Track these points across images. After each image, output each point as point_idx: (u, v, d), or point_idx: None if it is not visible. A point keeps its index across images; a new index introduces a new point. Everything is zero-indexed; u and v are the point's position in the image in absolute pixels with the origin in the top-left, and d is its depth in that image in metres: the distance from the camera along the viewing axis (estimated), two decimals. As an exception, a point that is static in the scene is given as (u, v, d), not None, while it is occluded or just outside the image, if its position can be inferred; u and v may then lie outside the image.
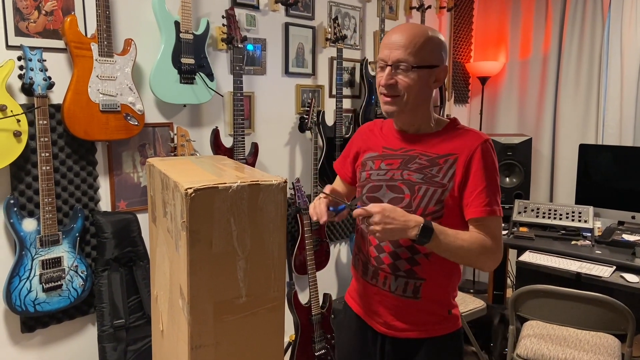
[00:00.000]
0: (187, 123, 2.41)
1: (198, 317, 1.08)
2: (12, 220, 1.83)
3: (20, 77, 1.82)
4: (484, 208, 1.30)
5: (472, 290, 3.76)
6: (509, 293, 3.54)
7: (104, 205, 2.17)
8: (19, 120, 1.80)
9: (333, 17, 2.95)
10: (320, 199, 1.36)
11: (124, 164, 2.22)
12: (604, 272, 2.36)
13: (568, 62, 3.65)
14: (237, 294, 1.11)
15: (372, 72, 3.12)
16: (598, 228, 2.86)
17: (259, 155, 2.53)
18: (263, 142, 2.69)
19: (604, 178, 3.00)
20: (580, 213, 2.89)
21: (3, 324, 1.95)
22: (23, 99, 1.89)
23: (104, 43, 1.96)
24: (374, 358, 1.46)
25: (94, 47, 1.95)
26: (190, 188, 1.02)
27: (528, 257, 2.61)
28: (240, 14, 2.53)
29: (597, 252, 2.58)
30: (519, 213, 3.03)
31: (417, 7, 3.44)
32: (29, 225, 1.87)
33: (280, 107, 2.80)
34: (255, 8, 2.61)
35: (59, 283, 1.93)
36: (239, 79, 2.27)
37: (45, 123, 1.83)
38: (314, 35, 2.90)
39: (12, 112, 1.78)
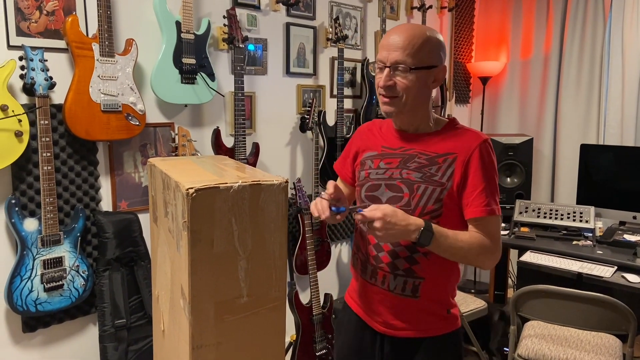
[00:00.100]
0: (188, 123, 2.41)
1: (199, 317, 1.08)
2: (13, 220, 1.83)
3: (22, 77, 1.83)
4: (484, 208, 1.31)
5: (473, 291, 3.75)
6: (510, 293, 3.54)
7: (105, 205, 2.18)
8: (21, 120, 1.80)
9: (334, 17, 2.95)
10: (322, 199, 1.36)
11: (125, 164, 2.22)
12: (605, 272, 2.35)
13: (569, 62, 3.65)
14: (238, 294, 1.11)
15: (372, 72, 3.12)
16: (599, 228, 2.86)
17: (260, 155, 2.53)
18: (264, 142, 2.69)
19: (605, 178, 2.99)
20: (582, 213, 2.88)
21: (4, 324, 1.96)
22: (24, 99, 1.89)
23: (105, 43, 1.96)
24: (373, 358, 1.46)
25: (95, 47, 1.95)
26: (192, 188, 1.02)
27: (529, 257, 2.61)
28: (242, 14, 2.53)
29: (598, 252, 2.57)
30: (520, 213, 3.02)
31: (418, 7, 3.44)
32: (31, 225, 1.87)
33: (281, 107, 2.80)
34: (257, 8, 2.61)
35: (60, 283, 1.93)
36: (240, 79, 2.27)
37: (47, 123, 1.83)
38: (315, 35, 2.91)
39: (13, 112, 1.78)
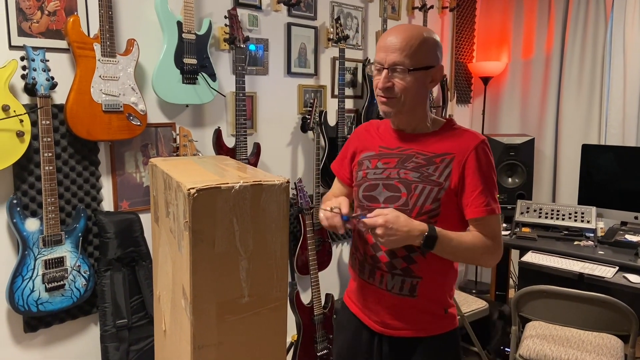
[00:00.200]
0: (189, 123, 2.41)
1: (200, 317, 1.08)
2: (15, 220, 1.83)
3: (23, 77, 1.83)
4: (484, 208, 1.32)
5: (474, 291, 3.75)
6: (512, 293, 3.53)
7: (107, 205, 2.18)
8: (22, 120, 1.81)
9: (335, 17, 2.95)
10: (335, 214, 1.34)
11: (127, 164, 2.22)
12: (607, 272, 2.35)
13: (571, 62, 3.64)
14: (239, 294, 1.11)
15: (370, 73, 3.11)
16: (601, 228, 2.86)
17: (261, 156, 2.53)
18: (265, 142, 2.69)
19: (607, 178, 2.99)
20: (583, 213, 2.88)
21: (6, 324, 1.96)
22: (26, 99, 1.89)
23: (107, 43, 1.96)
24: (372, 358, 1.47)
25: (97, 47, 1.95)
26: (193, 188, 1.02)
27: (530, 257, 2.60)
28: (243, 14, 2.53)
29: (599, 252, 2.57)
30: (522, 213, 3.02)
31: (419, 7, 3.44)
32: (32, 225, 1.87)
33: (283, 107, 2.80)
34: (258, 8, 2.61)
35: (62, 283, 1.93)
36: (242, 79, 2.27)
37: (48, 123, 1.84)
38: (316, 36, 2.90)
39: (15, 112, 1.78)
